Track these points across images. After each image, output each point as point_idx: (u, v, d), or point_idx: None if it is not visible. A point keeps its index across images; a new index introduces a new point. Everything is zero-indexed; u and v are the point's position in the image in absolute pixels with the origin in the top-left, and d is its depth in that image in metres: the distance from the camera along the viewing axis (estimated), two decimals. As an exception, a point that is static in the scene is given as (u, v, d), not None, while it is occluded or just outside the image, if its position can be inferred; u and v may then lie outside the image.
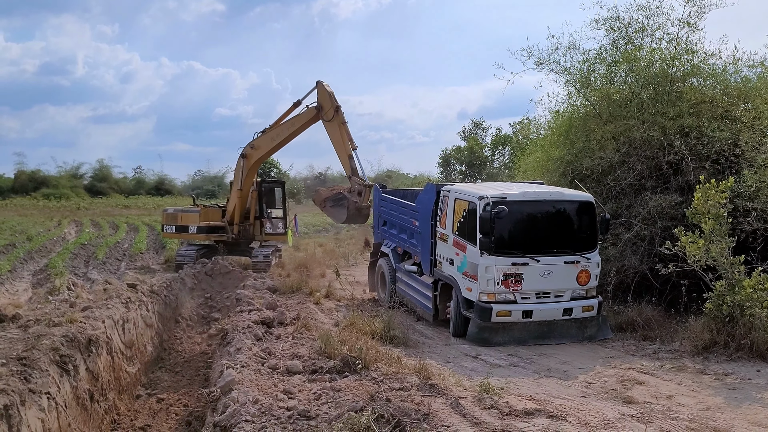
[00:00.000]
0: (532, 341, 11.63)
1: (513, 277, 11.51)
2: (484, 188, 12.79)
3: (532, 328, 11.73)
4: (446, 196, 13.08)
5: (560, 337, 11.84)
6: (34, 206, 52.85)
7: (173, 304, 14.15)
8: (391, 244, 15.80)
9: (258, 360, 8.67)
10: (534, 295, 11.73)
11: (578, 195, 12.46)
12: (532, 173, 18.23)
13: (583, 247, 11.99)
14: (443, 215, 13.07)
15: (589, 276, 11.92)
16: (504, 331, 11.63)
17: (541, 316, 11.71)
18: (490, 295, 11.54)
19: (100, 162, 71.62)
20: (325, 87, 18.25)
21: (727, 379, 9.28)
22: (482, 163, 46.27)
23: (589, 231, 12.15)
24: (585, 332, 11.98)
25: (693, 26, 14.68)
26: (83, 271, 20.10)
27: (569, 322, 11.88)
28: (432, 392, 7.22)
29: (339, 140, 17.97)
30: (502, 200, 11.44)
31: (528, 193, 12.19)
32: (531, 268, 11.57)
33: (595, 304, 11.98)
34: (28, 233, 29.49)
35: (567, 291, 11.86)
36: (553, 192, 12.53)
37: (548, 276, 11.66)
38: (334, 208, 18.13)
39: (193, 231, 20.65)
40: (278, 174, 58.32)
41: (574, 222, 12.25)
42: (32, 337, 8.01)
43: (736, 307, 10.22)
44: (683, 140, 13.55)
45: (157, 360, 11.63)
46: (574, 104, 16.96)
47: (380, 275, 16.14)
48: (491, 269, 11.48)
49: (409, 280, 14.48)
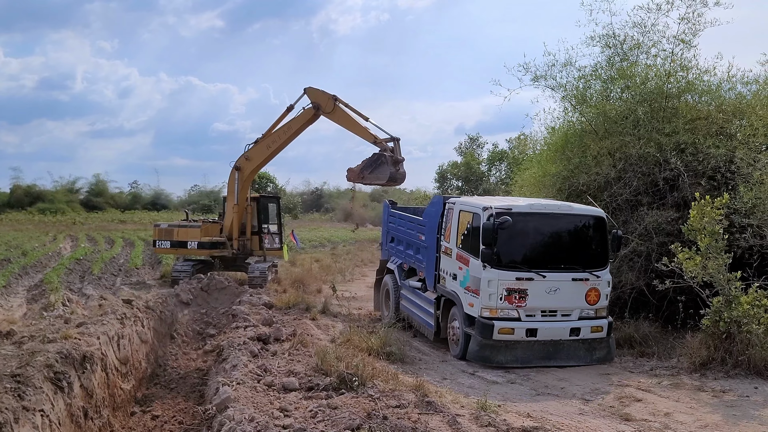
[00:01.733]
0: (536, 362, 11.13)
1: (517, 292, 11.04)
2: (490, 200, 12.49)
3: (536, 347, 11.19)
4: (451, 208, 12.74)
5: (567, 358, 11.30)
6: (29, 221, 52.65)
7: (169, 319, 14.06)
8: (398, 260, 15.42)
9: (254, 377, 8.61)
10: (539, 312, 11.22)
11: (589, 210, 12.13)
12: (528, 189, 18.29)
13: (592, 264, 11.52)
14: (448, 228, 12.70)
15: (598, 295, 11.40)
16: (506, 350, 11.13)
17: (547, 336, 11.17)
18: (492, 311, 11.08)
19: (96, 176, 71.40)
20: (315, 88, 18.32)
21: (724, 396, 9.26)
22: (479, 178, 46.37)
23: (599, 247, 11.71)
24: (594, 354, 11.49)
25: (688, 43, 14.83)
26: (78, 287, 19.99)
27: (577, 343, 11.34)
28: (429, 410, 7.18)
29: (349, 121, 17.91)
30: (507, 211, 11.08)
31: (535, 205, 11.93)
32: (537, 284, 11.09)
33: (605, 325, 11.43)
34: (24, 248, 29.35)
35: (575, 310, 11.35)
36: (561, 205, 12.20)
37: (555, 293, 11.16)
38: (373, 173, 17.20)
39: (192, 246, 20.51)
40: (275, 189, 58.31)
41: (583, 237, 11.87)
42: (26, 354, 7.94)
43: (733, 324, 10.22)
44: (679, 156, 13.62)
45: (152, 376, 11.53)
46: (570, 120, 17.08)
47: (385, 292, 15.71)
48: (494, 283, 11.02)
49: (413, 296, 14.09)
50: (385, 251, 16.53)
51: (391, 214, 16.33)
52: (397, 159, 16.95)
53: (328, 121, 18.31)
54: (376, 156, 17.05)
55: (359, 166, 17.36)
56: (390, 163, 16.78)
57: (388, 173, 16.81)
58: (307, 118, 18.52)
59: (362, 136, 17.72)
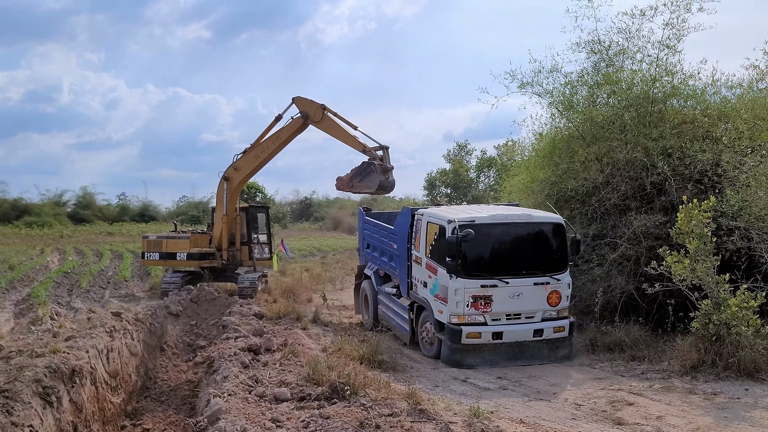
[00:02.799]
0: (503, 363, 11.70)
1: (482, 299, 11.66)
2: (455, 212, 13.00)
3: (502, 349, 11.83)
4: (420, 219, 13.29)
5: (531, 358, 11.92)
6: (16, 235, 52.19)
7: (158, 332, 13.94)
8: (374, 266, 15.97)
9: (245, 388, 8.56)
10: (504, 316, 11.85)
11: (548, 217, 12.66)
12: (517, 195, 18.34)
13: (553, 269, 12.13)
14: (417, 238, 13.28)
15: (559, 297, 12.04)
16: (475, 353, 11.73)
17: (512, 338, 11.82)
18: (460, 318, 11.70)
19: (83, 189, 70.91)
20: (303, 98, 18.31)
21: (716, 399, 9.30)
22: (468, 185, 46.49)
23: (559, 252, 12.32)
24: (557, 353, 12.09)
25: (672, 48, 14.95)
26: (66, 300, 19.82)
27: (540, 344, 11.98)
28: (422, 418, 7.16)
29: (338, 130, 17.86)
30: (471, 223, 11.66)
31: (497, 216, 12.39)
32: (500, 290, 11.72)
33: (567, 325, 12.07)
34: (10, 262, 29.09)
35: (538, 312, 11.97)
36: (522, 214, 12.78)
37: (518, 298, 11.80)
38: (362, 182, 17.19)
39: (182, 258, 20.38)
40: (264, 199, 58.19)
41: (544, 244, 12.41)
42: (14, 369, 7.85)
43: (723, 326, 10.27)
44: (666, 161, 13.71)
45: (142, 389, 11.43)
46: (558, 126, 17.18)
47: (363, 297, 16.29)
48: (460, 292, 11.65)
49: (389, 302, 14.61)
50: (362, 257, 17.04)
51: (366, 221, 16.83)
52: (386, 167, 16.92)
53: (317, 130, 18.28)
54: (366, 164, 16.99)
55: (348, 175, 17.33)
56: (379, 171, 16.74)
57: (377, 182, 16.76)
58: (295, 128, 18.46)
59: (351, 145, 17.69)
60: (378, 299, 15.30)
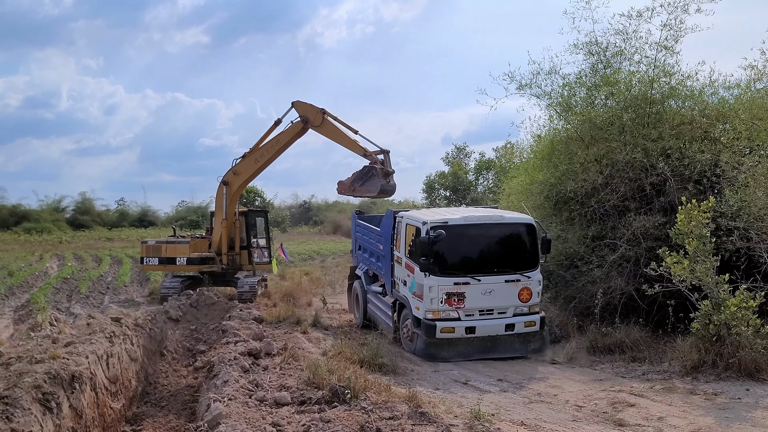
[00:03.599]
0: (477, 355, 12.35)
1: (456, 295, 12.35)
2: (432, 214, 13.83)
3: (475, 343, 12.45)
4: (400, 221, 14.01)
5: (504, 351, 12.52)
6: (15, 241, 52.12)
7: (158, 337, 13.93)
8: (364, 267, 16.58)
9: (245, 392, 8.54)
10: (477, 312, 12.51)
11: (519, 218, 13.40)
12: (516, 197, 18.35)
13: (524, 266, 12.78)
14: (398, 239, 13.99)
15: (530, 293, 12.71)
16: (449, 347, 12.36)
17: (484, 332, 12.45)
18: (435, 313, 12.37)
19: (82, 195, 70.82)
20: (303, 102, 18.31)
21: (717, 399, 9.28)
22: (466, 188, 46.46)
23: (530, 251, 12.94)
24: (528, 346, 12.72)
25: (670, 49, 14.95)
26: (66, 306, 19.80)
27: (512, 337, 12.59)
28: (422, 420, 7.14)
29: (338, 134, 17.87)
30: (444, 225, 12.39)
31: (469, 217, 13.11)
32: (473, 287, 12.40)
33: (538, 320, 12.73)
34: (9, 268, 29.06)
35: (510, 308, 12.63)
36: (493, 216, 13.45)
37: (490, 294, 12.47)
38: (364, 185, 17.22)
39: (182, 262, 20.37)
40: (263, 203, 58.15)
41: (515, 243, 13.06)
42: (14, 375, 7.83)
43: (723, 326, 10.27)
44: (665, 162, 13.71)
45: (142, 395, 11.40)
46: (556, 128, 17.17)
47: (355, 296, 16.88)
48: (434, 289, 12.32)
49: (376, 300, 15.29)
50: (355, 258, 17.68)
51: (357, 224, 17.34)
52: (387, 171, 16.95)
53: (317, 134, 18.28)
54: (367, 169, 17.00)
55: (350, 179, 17.36)
56: (380, 175, 16.75)
57: (378, 185, 16.79)
58: (295, 132, 18.46)
59: (352, 149, 17.69)
60: (367, 298, 15.88)
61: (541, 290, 13.09)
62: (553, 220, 15.79)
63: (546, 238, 13.15)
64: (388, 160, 17.19)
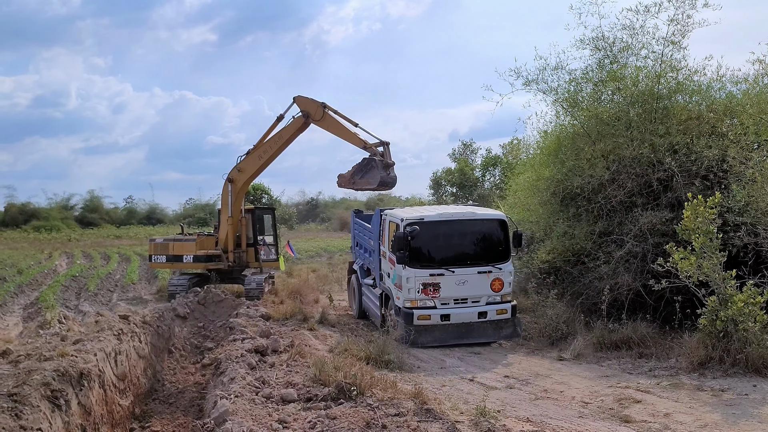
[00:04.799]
0: (452, 341, 13.26)
1: (431, 286, 13.34)
2: (412, 212, 14.94)
3: (450, 329, 13.34)
4: (385, 218, 14.98)
5: (478, 336, 13.43)
6: (24, 239, 52.48)
7: (166, 334, 14.02)
8: (360, 262, 17.42)
9: (252, 389, 8.58)
10: (452, 301, 13.45)
11: (490, 214, 14.57)
12: (522, 193, 18.32)
13: (495, 259, 13.72)
14: (383, 235, 14.96)
15: (502, 284, 13.60)
16: (426, 333, 13.21)
17: (459, 319, 13.36)
18: (412, 302, 13.36)
19: (90, 193, 71.27)
20: (304, 97, 18.35)
21: (723, 396, 9.25)
22: (473, 184, 46.28)
23: (501, 245, 13.89)
24: (500, 333, 13.60)
25: (677, 44, 14.87)
26: (75, 304, 19.94)
27: (485, 324, 13.47)
28: (428, 417, 7.16)
29: (339, 127, 17.94)
30: (419, 221, 13.44)
31: (443, 214, 14.06)
32: (447, 278, 13.36)
33: (509, 308, 13.60)
34: (19, 266, 29.26)
35: (482, 297, 13.54)
36: (466, 212, 14.38)
37: (464, 285, 13.41)
38: (364, 178, 17.20)
39: (188, 260, 20.45)
40: (270, 200, 58.23)
41: (487, 237, 14.03)
42: (23, 373, 7.90)
43: (730, 322, 10.23)
44: (673, 157, 13.66)
45: (150, 392, 11.48)
46: (563, 124, 17.10)
47: (352, 289, 17.79)
48: (411, 280, 13.32)
49: (368, 292, 16.22)
50: (354, 254, 18.67)
51: (355, 222, 18.25)
52: (387, 163, 16.97)
53: (322, 130, 18.31)
54: (366, 161, 16.95)
55: (350, 172, 17.35)
56: (380, 167, 16.73)
57: (378, 177, 16.79)
58: (297, 127, 18.48)
59: (352, 142, 17.70)
60: (362, 290, 16.77)
61: (512, 281, 14.00)
62: (560, 216, 15.75)
63: (517, 232, 14.19)
64: (388, 151, 17.27)
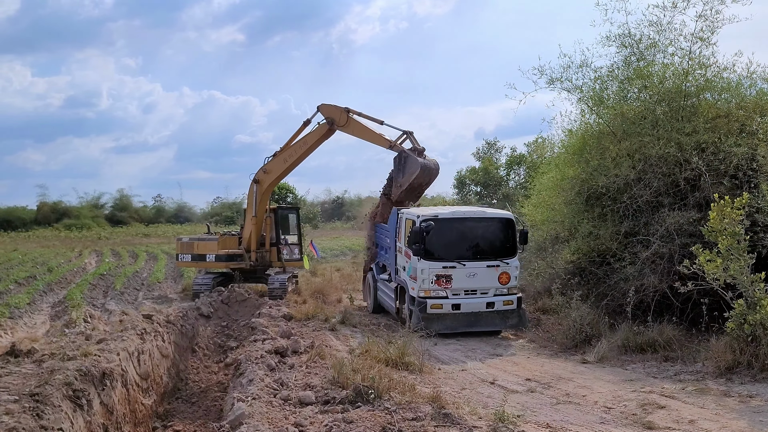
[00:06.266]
0: (462, 328, 14.43)
1: (444, 277, 14.47)
2: (425, 210, 16.13)
3: (461, 318, 14.51)
4: (401, 217, 16.07)
5: (486, 325, 14.62)
6: (56, 237, 53.51)
7: (189, 333, 14.13)
8: (380, 261, 18.29)
9: (270, 391, 8.58)
10: (463, 291, 14.59)
11: (499, 213, 15.83)
12: (547, 193, 18.12)
13: (503, 254, 14.90)
14: (400, 232, 15.99)
15: (509, 277, 14.77)
16: (438, 321, 14.21)
17: (468, 309, 14.52)
18: (426, 292, 14.47)
19: (120, 191, 72.40)
20: (328, 104, 18.62)
21: (751, 402, 9.02)
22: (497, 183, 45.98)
23: (509, 242, 15.07)
24: (507, 322, 14.74)
25: (706, 41, 14.59)
26: (101, 302, 20.21)
27: (493, 314, 14.63)
28: (446, 422, 7.10)
29: (364, 131, 18.32)
30: (434, 218, 14.62)
31: (456, 212, 15.57)
32: (459, 270, 14.53)
33: (515, 300, 14.75)
34: (49, 264, 29.78)
35: (491, 289, 14.70)
36: (477, 211, 16.07)
37: (473, 277, 14.60)
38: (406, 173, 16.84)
39: (210, 259, 20.64)
40: (295, 199, 58.49)
41: (496, 234, 15.25)
42: (46, 372, 8.02)
43: (759, 326, 9.97)
44: (700, 156, 13.38)
45: (173, 391, 11.58)
46: (588, 122, 16.87)
47: (368, 286, 18.69)
48: (426, 271, 14.44)
49: (384, 287, 17.23)
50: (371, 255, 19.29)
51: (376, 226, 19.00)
52: (417, 149, 17.33)
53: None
54: (397, 157, 17.20)
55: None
56: (414, 154, 16.95)
57: (418, 163, 16.78)
58: (321, 134, 18.84)
59: (378, 143, 17.97)
60: (377, 286, 17.70)
61: (519, 275, 15.22)
62: (585, 216, 15.53)
63: (524, 230, 15.73)
64: (414, 139, 17.69)
